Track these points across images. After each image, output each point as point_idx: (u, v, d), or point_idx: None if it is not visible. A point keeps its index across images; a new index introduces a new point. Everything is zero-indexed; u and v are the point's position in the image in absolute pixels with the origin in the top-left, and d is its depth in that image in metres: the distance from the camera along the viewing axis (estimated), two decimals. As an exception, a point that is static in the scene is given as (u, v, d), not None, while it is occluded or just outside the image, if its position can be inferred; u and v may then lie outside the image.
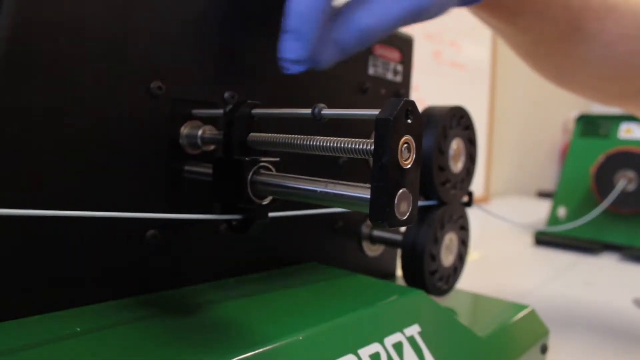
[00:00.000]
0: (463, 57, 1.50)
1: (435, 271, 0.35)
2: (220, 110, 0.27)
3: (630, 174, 0.94)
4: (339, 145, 0.22)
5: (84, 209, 0.24)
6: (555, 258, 0.87)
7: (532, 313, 0.38)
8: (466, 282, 0.44)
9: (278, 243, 0.34)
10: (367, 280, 0.33)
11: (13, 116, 0.21)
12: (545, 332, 0.38)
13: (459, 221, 0.38)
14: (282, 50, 0.25)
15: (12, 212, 0.19)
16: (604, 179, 0.96)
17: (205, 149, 0.28)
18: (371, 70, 0.39)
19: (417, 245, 0.34)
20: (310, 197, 0.23)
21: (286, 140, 0.24)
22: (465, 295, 0.41)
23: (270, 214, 0.27)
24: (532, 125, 2.02)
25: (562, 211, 1.02)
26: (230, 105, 0.26)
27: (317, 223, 0.36)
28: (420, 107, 0.22)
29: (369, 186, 0.20)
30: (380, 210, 0.20)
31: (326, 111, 0.23)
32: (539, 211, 1.27)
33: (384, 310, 0.28)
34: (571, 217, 0.99)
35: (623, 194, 0.93)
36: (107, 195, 0.25)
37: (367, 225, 0.40)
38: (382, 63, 0.40)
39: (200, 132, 0.28)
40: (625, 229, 0.94)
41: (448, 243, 0.36)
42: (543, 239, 0.95)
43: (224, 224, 0.30)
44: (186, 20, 0.27)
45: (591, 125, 1.08)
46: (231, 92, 0.29)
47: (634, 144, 0.98)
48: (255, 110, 0.26)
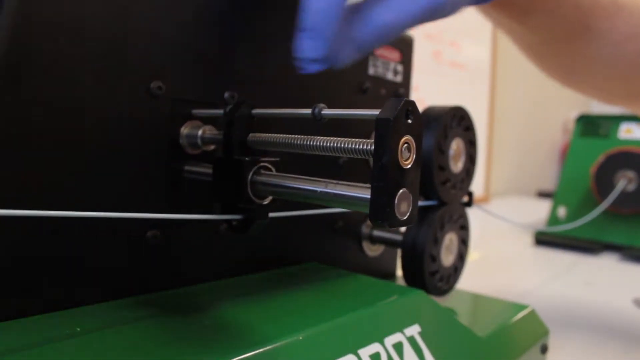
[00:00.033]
0: (463, 57, 1.50)
1: (435, 272, 0.35)
2: (220, 110, 0.27)
3: (630, 174, 0.94)
4: (339, 145, 0.22)
5: (84, 209, 0.24)
6: (555, 258, 0.87)
7: (532, 313, 0.38)
8: (466, 282, 0.44)
9: (278, 243, 0.34)
10: (367, 280, 0.33)
11: (13, 116, 0.21)
12: (545, 332, 0.38)
13: (459, 221, 0.38)
14: (299, 49, 0.24)
15: (12, 212, 0.19)
16: (604, 179, 0.96)
17: (205, 149, 0.28)
18: (371, 70, 0.39)
19: (417, 245, 0.34)
20: (310, 197, 0.23)
21: (286, 140, 0.24)
22: (466, 295, 0.41)
23: (270, 214, 0.27)
24: (532, 125, 2.02)
25: (562, 211, 1.01)
26: (230, 105, 0.26)
27: (317, 223, 0.36)
28: (420, 107, 0.22)
29: (369, 186, 0.20)
30: (381, 210, 0.20)
31: (326, 111, 0.23)
32: (539, 211, 1.27)
33: (384, 310, 0.28)
34: (571, 217, 0.99)
35: (623, 194, 0.93)
36: (107, 195, 0.25)
37: (367, 225, 0.40)
38: (382, 63, 0.40)
39: (200, 132, 0.28)
40: (625, 229, 0.94)
41: (448, 243, 0.36)
42: (543, 239, 0.95)
43: (224, 224, 0.30)
44: (186, 20, 0.27)
45: (591, 125, 1.08)
46: (231, 92, 0.29)
47: (634, 144, 0.98)
48: (255, 110, 0.26)
